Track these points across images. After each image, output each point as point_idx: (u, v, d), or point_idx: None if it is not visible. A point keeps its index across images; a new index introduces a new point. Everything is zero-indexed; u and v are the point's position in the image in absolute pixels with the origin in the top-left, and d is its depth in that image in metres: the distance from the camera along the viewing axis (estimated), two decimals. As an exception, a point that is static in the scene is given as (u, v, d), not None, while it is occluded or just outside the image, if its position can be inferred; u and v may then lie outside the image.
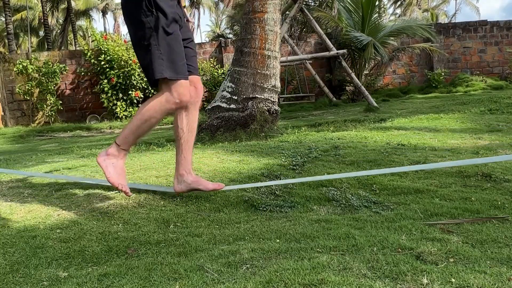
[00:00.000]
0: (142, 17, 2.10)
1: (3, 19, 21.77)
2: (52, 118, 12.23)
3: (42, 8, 23.86)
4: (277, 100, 5.39)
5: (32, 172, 3.53)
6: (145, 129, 2.25)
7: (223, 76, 12.01)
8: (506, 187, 2.70)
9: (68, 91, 12.73)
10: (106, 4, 39.74)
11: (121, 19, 43.56)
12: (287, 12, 10.74)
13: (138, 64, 11.84)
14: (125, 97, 11.90)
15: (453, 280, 1.44)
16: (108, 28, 44.78)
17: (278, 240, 1.96)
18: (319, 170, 3.13)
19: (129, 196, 2.38)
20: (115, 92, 11.86)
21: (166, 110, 2.18)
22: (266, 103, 5.16)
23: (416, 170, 3.02)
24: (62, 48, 29.17)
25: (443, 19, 37.49)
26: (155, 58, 2.09)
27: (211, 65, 12.65)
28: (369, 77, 12.55)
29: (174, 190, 2.40)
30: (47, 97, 12.01)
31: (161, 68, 2.10)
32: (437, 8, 39.90)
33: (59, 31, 33.01)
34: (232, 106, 5.13)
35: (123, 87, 11.87)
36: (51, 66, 11.97)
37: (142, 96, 11.93)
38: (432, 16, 22.41)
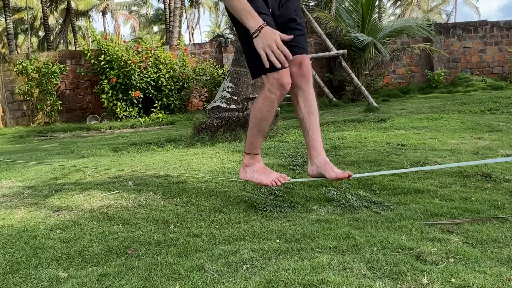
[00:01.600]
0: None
1: (3, 19, 21.76)
2: (52, 118, 12.22)
3: (42, 8, 23.85)
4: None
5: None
6: (264, 126, 2.19)
7: (223, 76, 12.00)
8: (506, 187, 2.70)
9: (68, 91, 12.74)
10: (107, 4, 39.73)
11: (121, 19, 43.57)
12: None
13: (138, 64, 11.89)
14: (125, 97, 11.90)
15: (453, 280, 1.44)
16: (108, 29, 44.77)
17: (278, 240, 1.96)
18: (319, 170, 3.12)
19: (288, 180, 2.29)
20: (115, 93, 11.86)
21: (272, 100, 2.10)
22: (266, 103, 5.16)
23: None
24: (63, 48, 29.18)
25: (439, 19, 37.49)
26: (249, 58, 2.11)
27: (211, 66, 12.65)
28: (369, 77, 12.55)
29: (308, 173, 2.31)
30: (47, 97, 12.01)
31: (255, 67, 2.09)
32: (437, 8, 39.89)
33: (58, 31, 33.01)
34: (232, 106, 5.13)
35: (123, 87, 11.86)
36: (51, 66, 11.97)
37: (142, 96, 11.93)
38: (428, 19, 22.43)
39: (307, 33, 14.20)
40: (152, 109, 11.94)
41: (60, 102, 12.27)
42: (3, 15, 19.47)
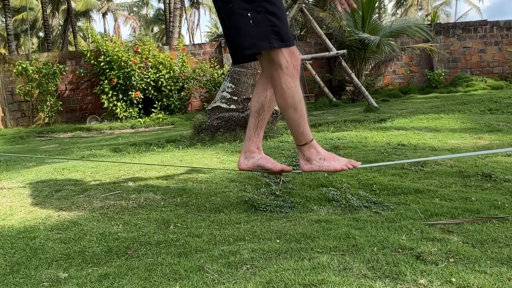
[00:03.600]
0: None
1: (4, 19, 21.76)
2: (52, 119, 12.23)
3: (42, 9, 23.86)
4: (277, 100, 5.39)
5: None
6: (303, 108, 1.97)
7: (223, 76, 12.01)
8: (506, 187, 2.70)
9: (68, 92, 12.74)
10: (108, 6, 39.80)
11: (121, 20, 43.59)
12: (287, 12, 10.75)
13: (138, 65, 11.89)
14: (125, 98, 11.91)
15: (453, 280, 1.44)
16: (108, 29, 44.81)
17: (278, 241, 1.96)
18: (319, 170, 3.12)
19: (359, 165, 2.10)
20: (115, 93, 11.87)
21: (294, 76, 1.89)
22: (266, 103, 5.15)
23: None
24: (64, 49, 29.21)
25: (444, 19, 37.55)
26: (259, 28, 1.83)
27: (211, 66, 12.65)
28: (369, 77, 12.55)
29: (238, 167, 2.20)
30: (47, 98, 12.01)
31: (267, 38, 1.83)
32: (438, 9, 39.93)
33: (59, 32, 33.04)
34: (232, 106, 5.13)
35: (123, 87, 11.87)
36: (51, 67, 11.97)
37: (142, 96, 11.94)
38: (434, 15, 22.42)
39: (308, 32, 14.26)
40: (152, 110, 11.95)
41: (60, 102, 12.27)
42: (3, 16, 19.46)
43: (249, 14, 1.84)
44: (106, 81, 11.86)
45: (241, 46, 1.91)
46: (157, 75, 12.03)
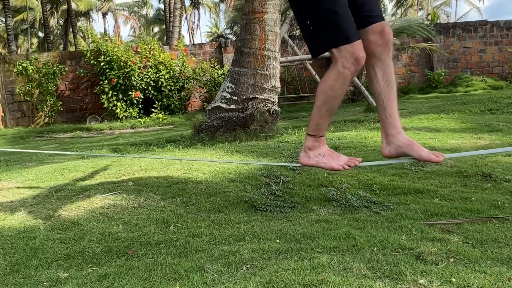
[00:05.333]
0: None
1: (3, 19, 21.75)
2: (52, 119, 12.22)
3: (42, 9, 23.85)
4: (277, 100, 5.39)
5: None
6: (334, 104, 1.98)
7: (223, 76, 12.00)
8: (506, 187, 2.70)
9: (68, 92, 12.74)
10: (109, 6, 39.80)
11: (121, 20, 43.58)
12: (287, 12, 10.75)
13: (138, 65, 11.89)
14: (125, 98, 11.91)
15: (453, 280, 1.44)
16: (108, 29, 44.78)
17: (278, 241, 1.96)
18: (319, 171, 3.12)
19: (359, 162, 2.04)
20: (115, 93, 11.86)
21: (346, 76, 1.91)
22: (266, 103, 5.16)
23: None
24: (65, 49, 29.20)
25: (444, 19, 37.55)
26: (316, 29, 1.88)
27: (211, 66, 12.65)
28: (369, 77, 12.55)
29: (383, 154, 2.06)
30: (47, 98, 12.01)
31: (323, 40, 1.88)
32: (438, 9, 39.91)
33: (58, 32, 33.03)
34: (232, 106, 5.13)
35: (123, 87, 11.87)
36: (51, 67, 11.97)
37: (142, 96, 11.94)
38: (434, 15, 22.43)
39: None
40: (152, 110, 11.95)
41: (60, 102, 12.27)
42: (3, 16, 19.46)
43: (308, 21, 1.88)
44: (106, 81, 11.86)
45: (315, 45, 1.96)
46: (157, 75, 12.03)
